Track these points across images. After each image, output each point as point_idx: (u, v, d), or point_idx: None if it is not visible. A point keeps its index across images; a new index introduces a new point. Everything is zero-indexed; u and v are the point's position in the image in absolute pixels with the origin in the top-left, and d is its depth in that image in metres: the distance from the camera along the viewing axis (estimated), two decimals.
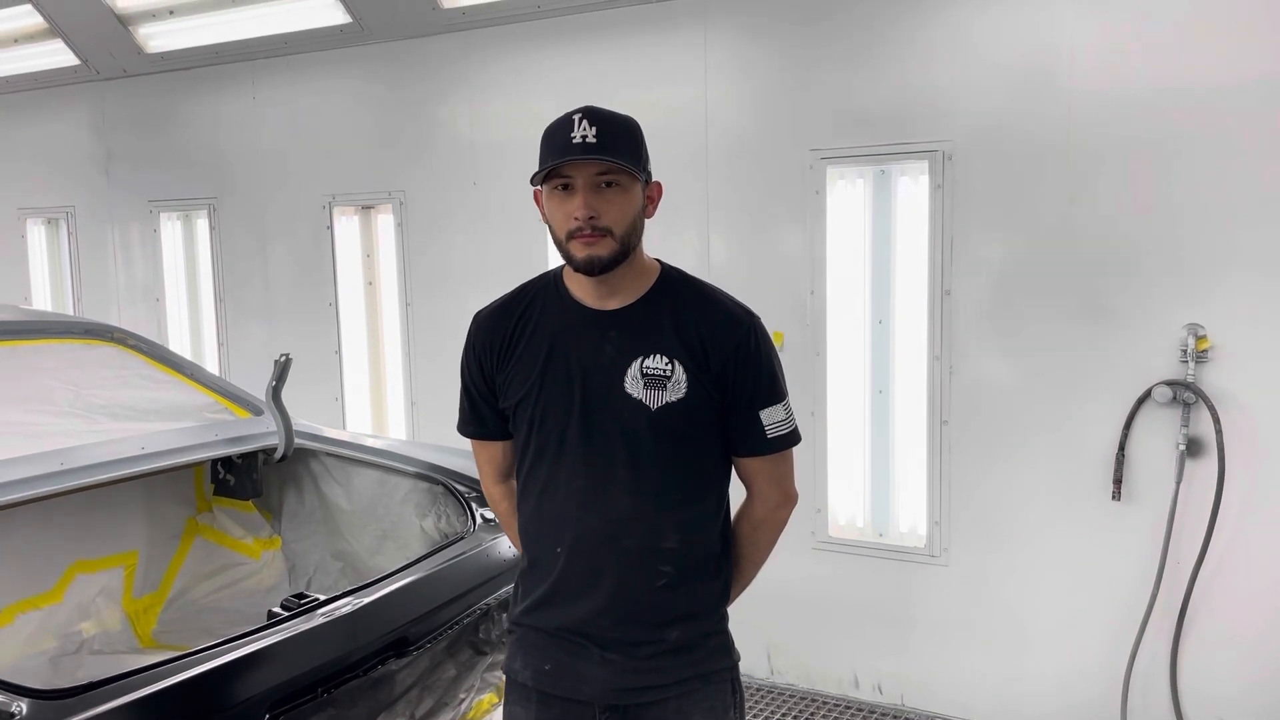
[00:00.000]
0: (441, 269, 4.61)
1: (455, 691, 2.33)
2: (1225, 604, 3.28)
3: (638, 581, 1.79)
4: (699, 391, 1.77)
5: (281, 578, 3.31)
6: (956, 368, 3.59)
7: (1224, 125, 3.13)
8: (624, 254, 1.75)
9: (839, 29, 3.65)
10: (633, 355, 1.78)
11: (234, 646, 1.92)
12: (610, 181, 1.72)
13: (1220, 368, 3.20)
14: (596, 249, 1.71)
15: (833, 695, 3.93)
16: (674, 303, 1.82)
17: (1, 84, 5.77)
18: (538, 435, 1.82)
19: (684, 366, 1.77)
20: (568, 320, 1.83)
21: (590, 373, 1.79)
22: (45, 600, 2.95)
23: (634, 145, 1.76)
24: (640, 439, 1.76)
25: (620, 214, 1.73)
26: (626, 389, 1.77)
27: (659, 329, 1.79)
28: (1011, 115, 3.41)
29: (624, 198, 1.73)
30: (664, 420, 1.76)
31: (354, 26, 4.53)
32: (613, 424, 1.77)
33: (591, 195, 1.71)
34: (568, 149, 1.70)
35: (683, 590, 1.82)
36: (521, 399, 1.84)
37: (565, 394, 1.79)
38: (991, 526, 3.60)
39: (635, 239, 1.77)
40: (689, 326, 1.79)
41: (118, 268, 5.67)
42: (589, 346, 1.80)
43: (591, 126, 1.70)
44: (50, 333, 3.16)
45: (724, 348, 1.78)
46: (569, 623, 1.83)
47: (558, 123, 1.74)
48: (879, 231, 3.74)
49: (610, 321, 1.80)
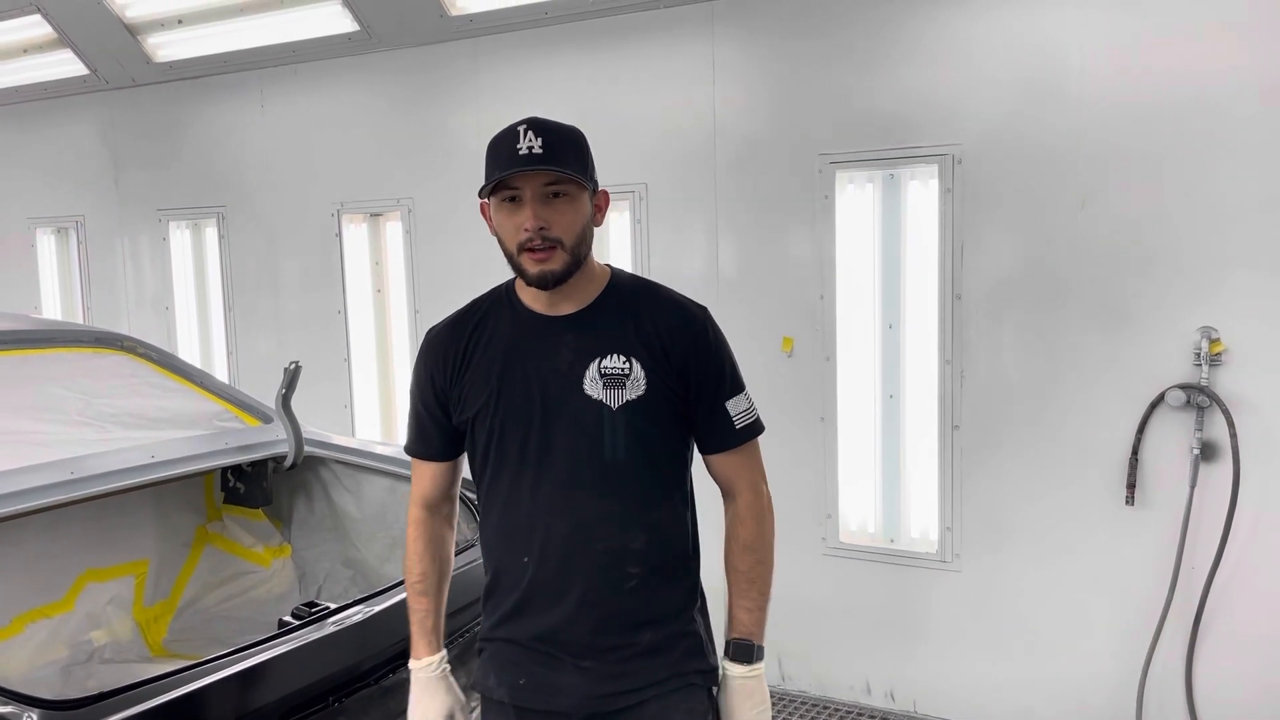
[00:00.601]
0: (450, 276, 4.60)
1: (466, 700, 2.31)
2: (1241, 609, 3.25)
3: (607, 584, 1.79)
4: (659, 388, 1.78)
5: (292, 586, 3.31)
6: (968, 372, 3.57)
7: (1235, 127, 3.11)
8: (576, 264, 1.76)
9: (847, 33, 3.64)
10: (590, 357, 1.79)
11: (245, 656, 1.92)
12: (558, 192, 1.73)
13: (1234, 371, 3.18)
14: (549, 264, 1.73)
15: (844, 702, 3.91)
16: (627, 303, 1.84)
17: (11, 94, 5.79)
18: (497, 447, 1.81)
19: (642, 364, 1.78)
20: (522, 330, 1.84)
21: (548, 378, 1.79)
22: (56, 609, 2.95)
23: (580, 155, 1.77)
24: (603, 439, 1.77)
25: (569, 224, 1.74)
26: (586, 390, 1.77)
27: (614, 329, 1.80)
28: (1022, 118, 3.40)
29: (573, 208, 1.75)
30: (626, 419, 1.77)
31: (362, 34, 4.54)
32: (575, 427, 1.78)
33: (540, 206, 1.72)
34: (514, 160, 1.70)
35: (652, 591, 1.82)
36: (479, 411, 1.83)
37: (524, 402, 1.79)
38: (1004, 532, 3.58)
39: (585, 248, 1.79)
40: (645, 325, 1.81)
41: (127, 276, 5.68)
42: (545, 353, 1.81)
43: (538, 138, 1.70)
44: (60, 341, 3.17)
45: (683, 343, 1.81)
46: (541, 631, 1.81)
47: (502, 135, 1.75)
48: (889, 236, 3.72)
49: (565, 326, 1.82)
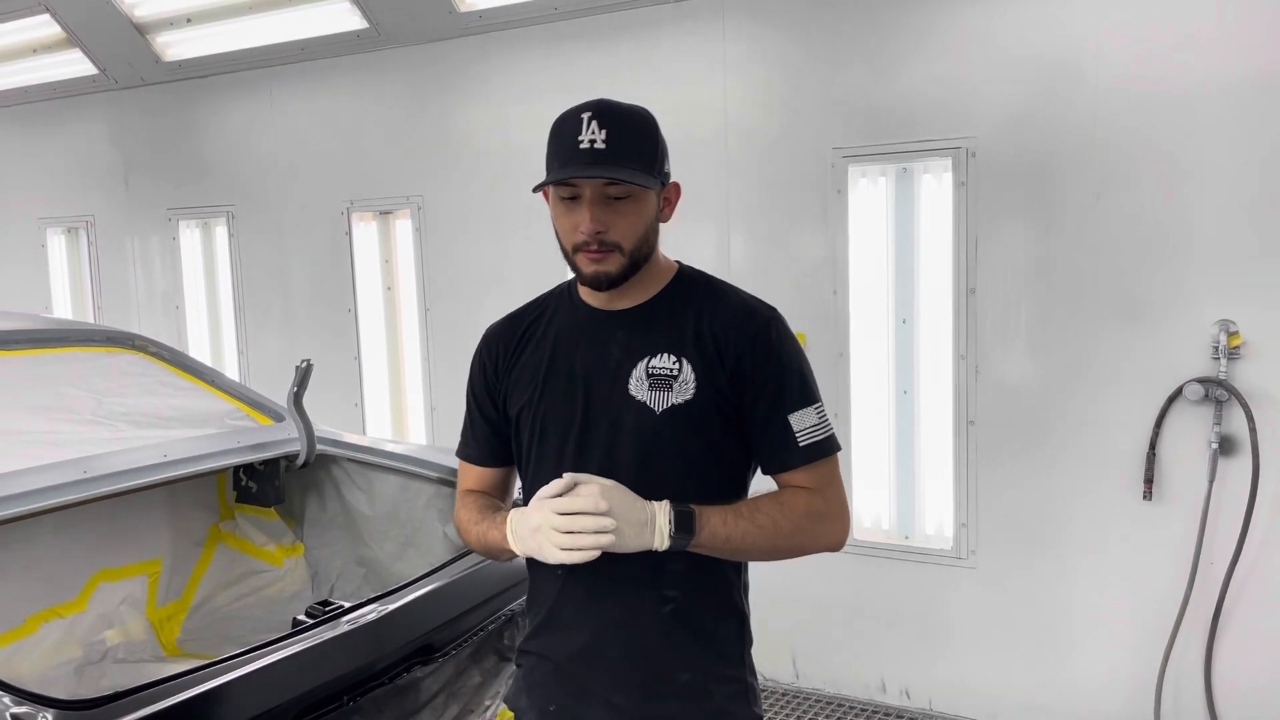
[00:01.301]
0: (460, 274, 4.59)
1: (481, 698, 2.30)
2: (1261, 604, 3.22)
3: (640, 606, 1.65)
4: (709, 393, 1.62)
5: (304, 585, 3.30)
6: (982, 367, 3.55)
7: (1253, 117, 3.08)
8: (634, 267, 1.63)
9: (859, 26, 3.62)
10: (639, 355, 1.65)
11: (259, 655, 1.91)
12: (621, 194, 1.58)
13: (1253, 364, 3.15)
14: (604, 265, 1.60)
15: (859, 700, 3.89)
16: (687, 300, 1.70)
17: (20, 94, 5.80)
18: (538, 447, 1.70)
19: (693, 365, 1.63)
20: (575, 324, 1.73)
21: (593, 377, 1.67)
22: (69, 609, 2.94)
23: (648, 148, 1.61)
24: (644, 446, 1.62)
25: (630, 228, 1.60)
26: (631, 391, 1.64)
27: (668, 327, 1.67)
28: (1036, 110, 3.37)
29: (635, 210, 1.60)
30: (670, 425, 1.62)
31: (370, 32, 4.53)
32: (615, 430, 1.64)
33: (599, 208, 1.57)
34: (575, 155, 1.56)
35: (692, 620, 1.66)
36: (523, 408, 1.73)
37: (566, 401, 1.68)
38: (1019, 528, 3.55)
39: (647, 249, 1.65)
40: (701, 322, 1.66)
41: (137, 276, 5.69)
42: (593, 350, 1.69)
43: (601, 129, 1.55)
44: (72, 341, 3.16)
45: (739, 341, 1.63)
46: (573, 651, 1.69)
47: (565, 118, 1.61)
48: (902, 230, 3.70)
49: (618, 322, 1.69)
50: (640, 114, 1.64)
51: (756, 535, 1.58)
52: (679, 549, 1.55)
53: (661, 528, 1.53)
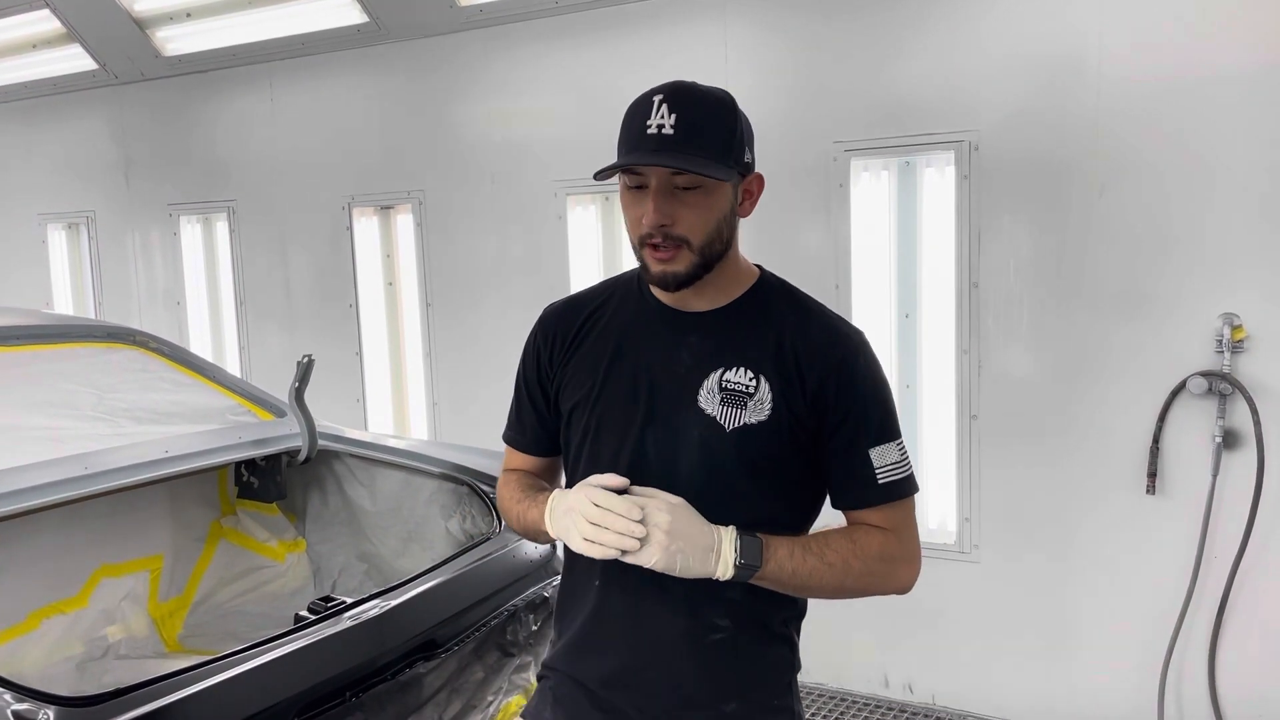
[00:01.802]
0: (462, 268, 4.59)
1: (484, 694, 2.30)
2: (1265, 599, 3.21)
3: (687, 633, 1.54)
4: (785, 416, 1.50)
5: (306, 580, 3.30)
6: (985, 361, 3.54)
7: (1257, 111, 3.06)
8: (706, 266, 1.51)
9: (861, 19, 3.60)
10: (712, 365, 1.53)
11: (261, 651, 1.91)
12: (689, 185, 1.47)
13: (1257, 357, 3.14)
14: (672, 265, 1.48)
15: (863, 694, 3.89)
16: (770, 312, 1.58)
17: (20, 89, 5.79)
18: (591, 446, 1.58)
19: (770, 384, 1.51)
20: (644, 319, 1.60)
21: (660, 381, 1.55)
22: (71, 605, 2.94)
23: (723, 135, 1.49)
24: (709, 464, 1.51)
25: (699, 222, 1.48)
26: (700, 404, 1.52)
27: (747, 338, 1.54)
28: (1039, 103, 3.36)
29: (705, 203, 1.48)
30: (740, 445, 1.50)
31: (371, 26, 4.52)
32: (677, 443, 1.52)
33: (664, 200, 1.46)
34: (641, 141, 1.45)
35: (742, 652, 1.56)
36: (577, 404, 1.61)
37: (628, 401, 1.56)
38: (1022, 522, 3.54)
39: (720, 246, 1.52)
40: (783, 339, 1.53)
41: (138, 271, 5.68)
42: (663, 351, 1.56)
43: (671, 113, 1.44)
44: (72, 337, 3.16)
45: (823, 365, 1.51)
46: (604, 675, 1.58)
47: (637, 103, 1.49)
48: (905, 224, 3.69)
49: (692, 325, 1.56)
50: (717, 96, 1.52)
51: (825, 573, 1.48)
52: (742, 580, 1.45)
53: (726, 556, 1.43)
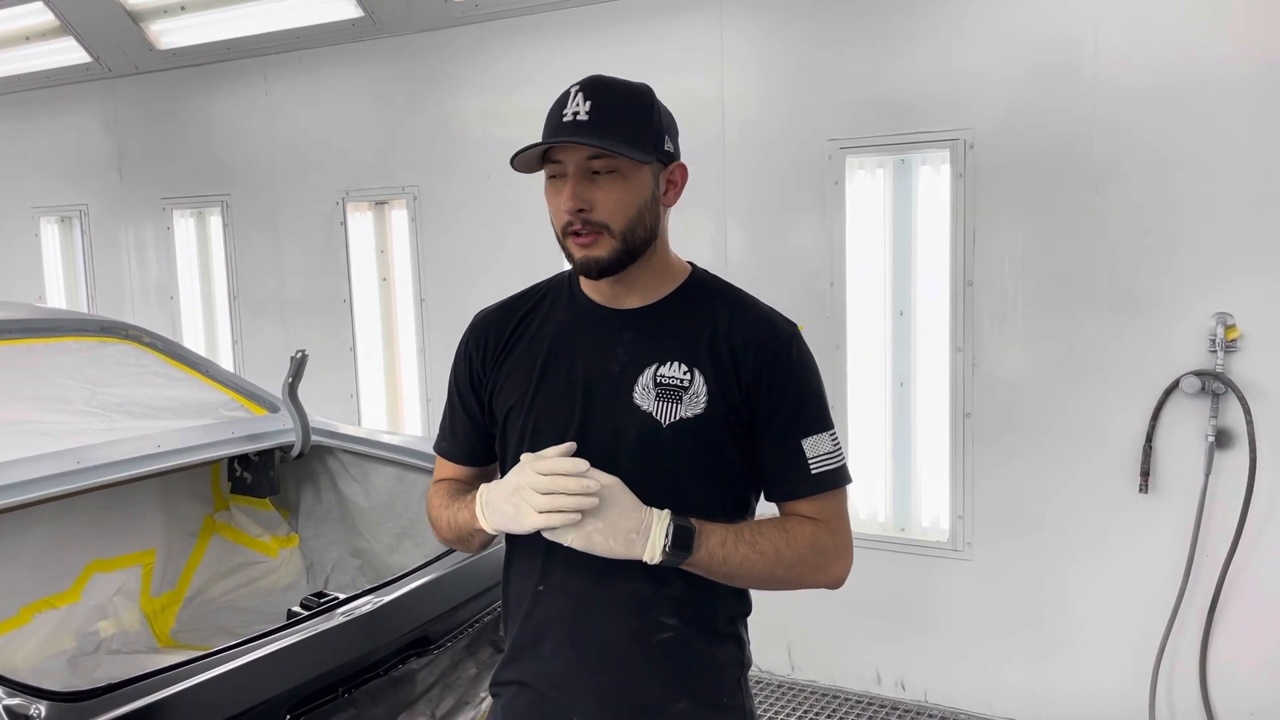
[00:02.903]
0: (456, 264, 4.58)
1: (476, 690, 2.30)
2: (1257, 597, 3.22)
3: (634, 634, 1.52)
4: (721, 408, 1.50)
5: (299, 576, 3.29)
6: (979, 360, 3.54)
7: (1252, 111, 3.07)
8: (629, 253, 1.49)
9: (857, 16, 3.60)
10: (647, 361, 1.52)
11: (254, 647, 1.90)
12: (605, 168, 1.46)
13: (1250, 357, 3.15)
14: (594, 249, 1.48)
15: (855, 692, 3.89)
16: (702, 306, 1.57)
17: (13, 82, 5.76)
18: (530, 448, 1.52)
19: (705, 377, 1.50)
20: (576, 320, 1.59)
21: (595, 380, 1.54)
22: (63, 600, 2.94)
23: (638, 120, 1.49)
24: (646, 460, 1.49)
25: (617, 206, 1.47)
26: (635, 400, 1.51)
27: (681, 332, 1.54)
28: (1034, 102, 3.36)
29: (623, 186, 1.47)
30: (676, 439, 1.50)
31: (366, 20, 4.50)
32: (614, 441, 1.50)
33: (582, 185, 1.46)
34: (557, 130, 1.47)
35: (690, 651, 1.54)
36: (513, 407, 1.59)
37: (563, 404, 1.54)
38: (1015, 520, 3.55)
39: (643, 233, 1.50)
40: (718, 332, 1.53)
41: (131, 266, 5.66)
42: (596, 350, 1.55)
43: (586, 101, 1.46)
44: (65, 331, 3.15)
45: (758, 355, 1.51)
46: (555, 678, 1.56)
47: (558, 99, 1.52)
48: (900, 222, 3.69)
49: (625, 322, 1.56)
50: (633, 86, 1.53)
51: (756, 561, 1.47)
52: (671, 565, 1.44)
53: (655, 539, 1.41)
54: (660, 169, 1.53)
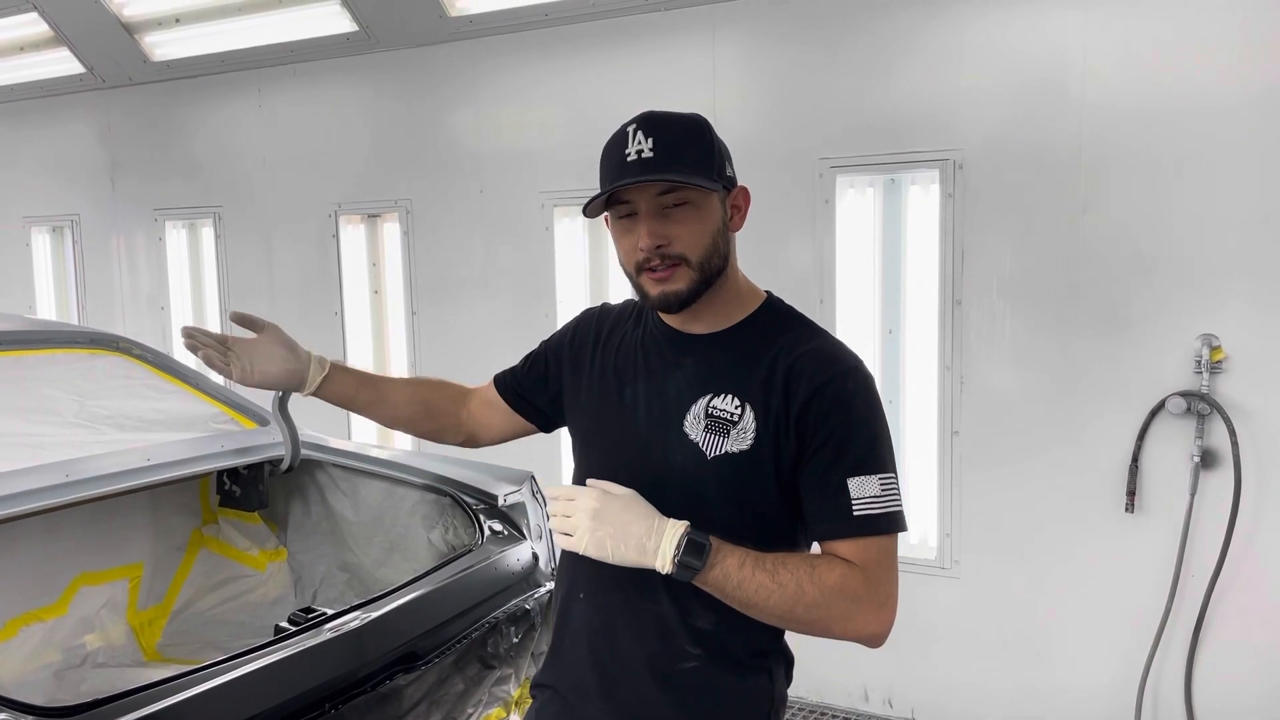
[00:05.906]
0: (448, 278, 4.59)
1: (464, 706, 2.29)
2: (1242, 616, 3.24)
3: (654, 657, 1.53)
4: (768, 444, 1.48)
5: (287, 590, 3.28)
6: (967, 378, 3.56)
7: (1238, 134, 3.11)
8: (705, 283, 1.51)
9: (848, 37, 3.63)
10: (701, 390, 1.52)
11: (241, 662, 1.89)
12: (678, 202, 1.48)
13: (1235, 378, 3.17)
14: (672, 284, 1.48)
15: (842, 708, 3.89)
16: (767, 335, 1.55)
17: (7, 92, 5.76)
18: (584, 451, 1.67)
19: (755, 413, 1.48)
20: (645, 341, 1.62)
21: (651, 402, 1.56)
22: (49, 613, 2.92)
23: (702, 151, 1.50)
24: (689, 490, 1.49)
25: (695, 237, 1.48)
26: (685, 429, 1.51)
27: (740, 363, 1.52)
28: (1023, 124, 3.39)
29: (696, 217, 1.49)
30: (718, 473, 1.49)
31: (360, 35, 4.52)
32: (661, 468, 1.52)
33: (656, 221, 1.47)
34: (623, 170, 1.46)
35: (715, 683, 1.53)
36: (573, 411, 1.70)
37: (617, 419, 1.59)
38: (1003, 538, 3.56)
39: (717, 261, 1.52)
40: (777, 363, 1.50)
41: (123, 276, 5.66)
42: (658, 372, 1.58)
43: (648, 138, 1.46)
44: (55, 342, 3.14)
45: (809, 389, 1.47)
46: (578, 688, 1.60)
47: (613, 139, 1.52)
48: (889, 241, 3.71)
49: (688, 347, 1.57)
50: (690, 118, 1.54)
51: (774, 593, 1.41)
52: (682, 579, 1.41)
53: (666, 546, 1.40)
54: (725, 195, 1.56)
